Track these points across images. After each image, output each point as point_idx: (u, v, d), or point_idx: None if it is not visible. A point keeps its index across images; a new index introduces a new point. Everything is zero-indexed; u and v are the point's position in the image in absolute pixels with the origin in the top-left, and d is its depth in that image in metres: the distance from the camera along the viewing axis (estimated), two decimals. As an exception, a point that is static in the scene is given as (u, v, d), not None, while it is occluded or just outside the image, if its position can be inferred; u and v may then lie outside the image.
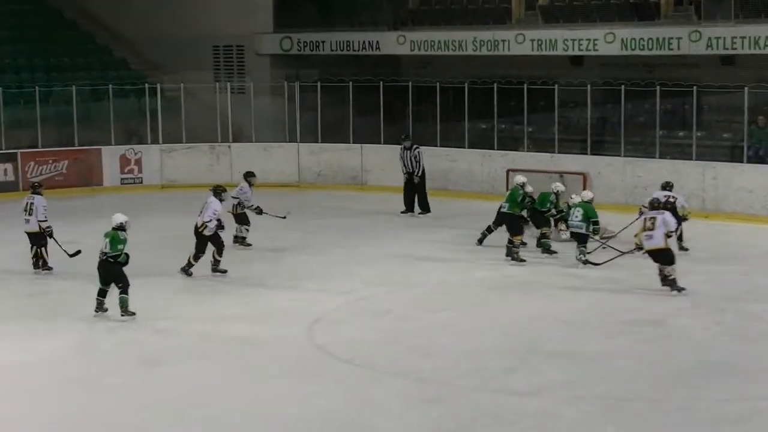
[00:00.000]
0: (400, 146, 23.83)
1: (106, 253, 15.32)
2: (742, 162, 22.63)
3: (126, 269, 15.38)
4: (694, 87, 23.29)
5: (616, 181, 23.40)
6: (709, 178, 22.47)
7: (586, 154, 24.32)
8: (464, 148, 26.18)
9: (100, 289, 15.37)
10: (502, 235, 19.20)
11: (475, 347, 13.87)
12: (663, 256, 16.41)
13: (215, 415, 11.69)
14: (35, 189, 18.68)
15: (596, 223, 18.28)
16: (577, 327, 14.81)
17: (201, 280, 17.68)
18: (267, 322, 15.11)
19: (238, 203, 19.98)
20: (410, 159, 23.43)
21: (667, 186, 19.35)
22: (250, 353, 13.84)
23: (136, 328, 14.89)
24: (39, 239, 18.26)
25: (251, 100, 27.92)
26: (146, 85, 28.11)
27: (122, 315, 15.11)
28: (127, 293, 15.19)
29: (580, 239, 18.31)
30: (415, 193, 23.32)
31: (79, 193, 26.22)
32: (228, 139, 27.80)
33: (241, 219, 20.08)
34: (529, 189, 19.26)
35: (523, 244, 18.92)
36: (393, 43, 29.06)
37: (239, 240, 20.02)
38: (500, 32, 27.32)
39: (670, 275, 16.33)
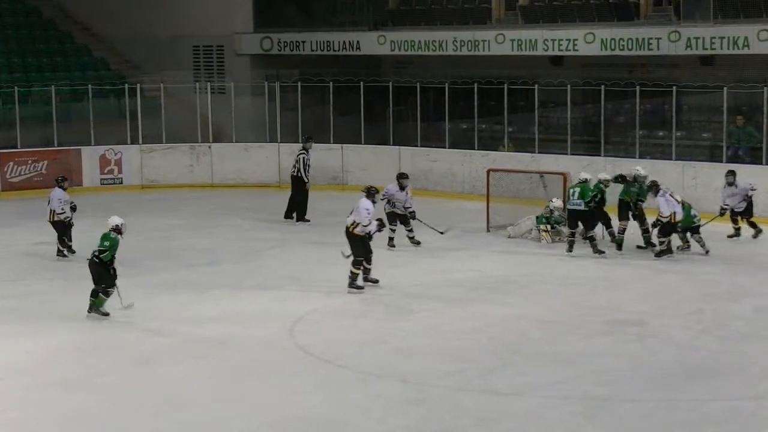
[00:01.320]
0: (301, 147, 23.29)
1: (93, 252, 15.38)
2: (721, 162, 22.69)
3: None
4: (674, 87, 23.39)
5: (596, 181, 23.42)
6: (688, 178, 22.54)
7: (567, 154, 24.37)
8: (445, 148, 26.22)
9: (92, 289, 15.35)
10: (475, 235, 19.21)
11: (457, 348, 13.88)
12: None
13: (198, 415, 11.68)
14: (58, 183, 19.91)
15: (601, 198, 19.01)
16: (557, 327, 14.83)
17: (181, 280, 17.63)
18: (248, 323, 15.09)
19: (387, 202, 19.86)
20: (309, 163, 22.99)
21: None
22: (231, 354, 13.81)
23: (119, 329, 14.86)
24: (57, 228, 19.31)
25: (231, 100, 27.87)
26: (126, 85, 28.01)
27: (89, 312, 15.21)
28: (107, 295, 15.19)
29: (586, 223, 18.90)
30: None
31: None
32: (208, 139, 27.74)
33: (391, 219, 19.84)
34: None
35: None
36: (373, 43, 29.08)
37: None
38: (480, 32, 27.38)
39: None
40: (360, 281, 16.67)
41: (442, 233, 20.28)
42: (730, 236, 20.17)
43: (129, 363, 13.47)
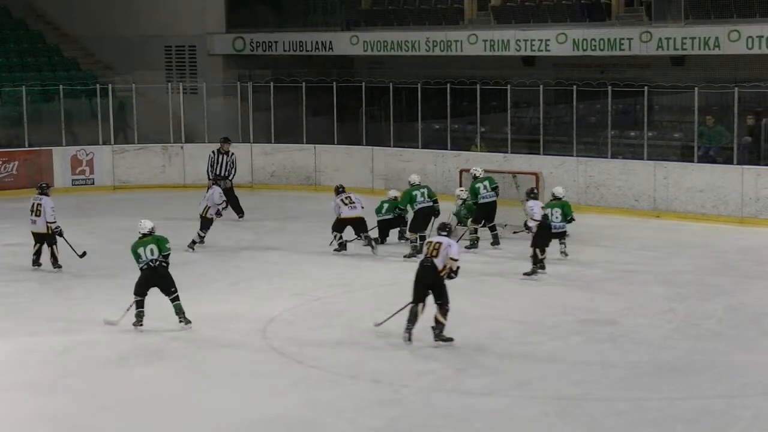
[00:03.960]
0: (215, 148, 23.56)
1: (156, 259, 14.80)
2: (692, 162, 22.80)
3: (81, 270, 15.27)
4: (645, 87, 23.46)
5: (568, 181, 23.47)
6: (660, 178, 22.63)
7: (539, 153, 24.42)
8: (417, 148, 26.23)
9: (139, 300, 14.77)
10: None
11: (429, 348, 13.86)
12: None
13: (168, 416, 11.64)
14: (43, 190, 18.88)
15: (573, 219, 18.64)
16: (530, 327, 14.86)
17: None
18: (220, 323, 15.04)
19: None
20: (227, 163, 23.29)
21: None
22: (203, 354, 13.78)
23: (90, 330, 14.78)
24: (49, 239, 18.39)
25: (204, 100, 27.82)
26: (97, 86, 27.89)
27: (180, 321, 14.69)
28: (179, 299, 14.75)
29: (561, 236, 18.50)
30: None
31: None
32: (180, 139, 27.66)
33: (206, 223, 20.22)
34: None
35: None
36: (346, 43, 29.08)
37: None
38: (453, 33, 27.42)
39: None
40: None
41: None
42: None
43: (99, 364, 13.41)
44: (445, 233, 14.32)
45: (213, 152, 23.60)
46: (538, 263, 17.53)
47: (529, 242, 17.72)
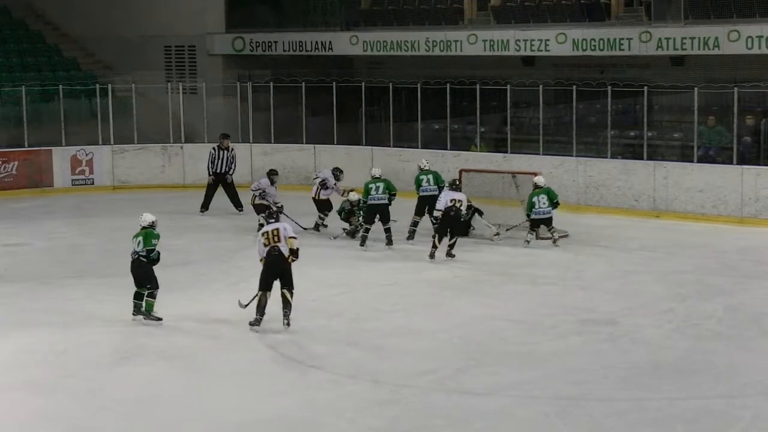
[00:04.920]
0: (215, 145, 24.23)
1: (138, 252, 15.06)
2: (692, 162, 22.79)
3: (80, 269, 15.26)
4: (645, 87, 23.44)
5: (568, 181, 23.51)
6: (659, 178, 22.62)
7: (539, 153, 24.40)
8: (417, 148, 26.21)
9: (136, 291, 15.07)
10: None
11: (429, 348, 13.88)
12: None
13: (167, 416, 11.65)
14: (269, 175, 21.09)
15: (558, 203, 19.66)
16: (529, 327, 14.87)
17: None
18: (220, 324, 15.04)
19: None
20: (227, 159, 23.97)
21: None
22: (203, 355, 13.78)
23: (90, 330, 14.78)
24: None
25: (203, 100, 27.80)
26: (97, 86, 27.87)
27: (145, 319, 14.89)
28: (154, 297, 14.97)
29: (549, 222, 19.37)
30: (229, 192, 23.95)
31: (29, 194, 25.98)
32: (180, 139, 27.65)
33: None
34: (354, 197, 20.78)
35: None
36: (346, 43, 29.07)
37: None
38: (452, 33, 27.41)
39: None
40: None
41: (305, 229, 20.48)
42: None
43: (99, 364, 13.41)
44: (273, 219, 15.12)
45: (213, 149, 24.10)
46: (434, 248, 18.60)
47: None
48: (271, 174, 21.48)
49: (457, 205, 18.81)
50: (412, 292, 16.85)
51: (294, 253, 14.67)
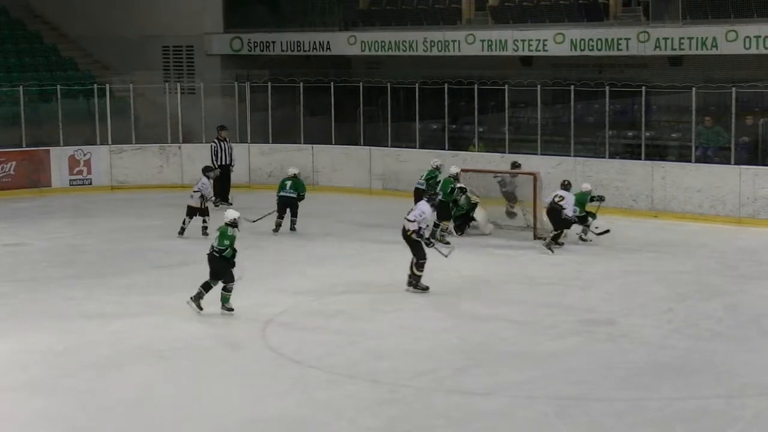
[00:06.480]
0: (215, 138, 25.01)
1: (213, 247, 15.42)
2: (690, 162, 22.81)
3: (79, 269, 15.25)
4: (643, 87, 23.47)
5: (565, 181, 23.51)
6: (657, 178, 22.64)
7: (537, 153, 24.41)
8: (415, 148, 26.21)
9: (206, 282, 15.47)
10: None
11: (428, 348, 13.88)
12: None
13: (167, 417, 11.63)
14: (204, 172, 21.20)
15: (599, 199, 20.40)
16: (529, 327, 14.87)
17: (152, 282, 17.56)
18: (218, 324, 15.05)
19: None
20: (228, 149, 24.77)
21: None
22: (201, 355, 13.76)
23: (89, 331, 14.77)
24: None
25: (201, 100, 27.78)
26: (95, 86, 27.85)
27: (222, 310, 15.33)
28: (229, 291, 15.32)
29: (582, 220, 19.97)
30: (225, 185, 24.45)
31: (27, 194, 25.97)
32: (178, 139, 27.64)
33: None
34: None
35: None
36: (344, 43, 29.07)
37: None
38: (450, 33, 27.41)
39: None
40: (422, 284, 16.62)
41: (252, 222, 20.50)
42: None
43: (98, 364, 13.38)
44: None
45: (215, 141, 24.84)
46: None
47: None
48: (207, 171, 21.55)
49: (556, 200, 19.34)
50: (412, 291, 16.82)
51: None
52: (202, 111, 27.56)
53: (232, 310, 15.34)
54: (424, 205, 16.95)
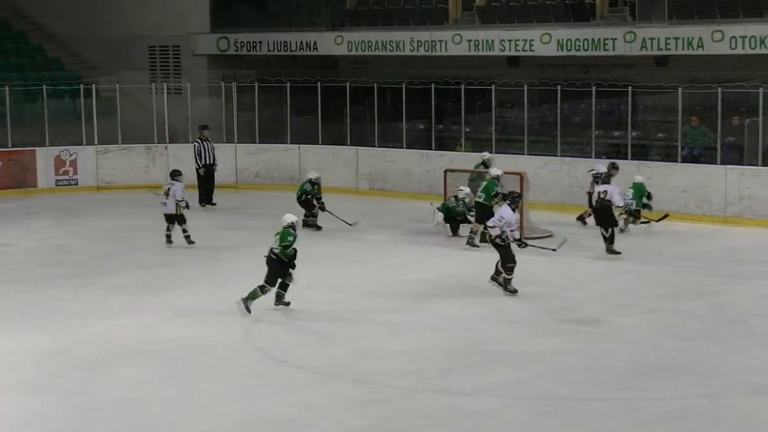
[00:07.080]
0: (198, 138, 25.14)
1: (272, 249, 15.55)
2: (676, 161, 22.87)
3: (66, 269, 15.22)
4: (629, 87, 23.52)
5: (552, 181, 23.57)
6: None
7: (523, 153, 24.46)
8: (402, 148, 26.23)
9: (262, 285, 15.56)
10: (432, 235, 19.25)
11: (415, 348, 13.88)
12: None
13: (154, 418, 11.61)
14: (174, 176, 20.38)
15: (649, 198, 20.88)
16: (516, 327, 14.89)
17: (138, 282, 17.55)
18: (205, 324, 15.02)
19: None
20: (210, 151, 24.81)
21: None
22: (188, 356, 13.74)
23: (77, 330, 14.76)
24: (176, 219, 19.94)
25: (188, 100, 27.76)
26: (81, 86, 27.79)
27: (275, 304, 15.55)
28: (264, 292, 15.43)
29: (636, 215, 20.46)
30: (210, 185, 24.65)
31: (13, 194, 25.90)
32: (164, 140, 27.62)
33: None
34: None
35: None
36: (330, 43, 29.07)
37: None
38: (437, 33, 27.44)
39: None
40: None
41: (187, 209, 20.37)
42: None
43: (87, 365, 13.36)
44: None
45: (197, 141, 24.86)
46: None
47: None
48: (176, 175, 20.71)
49: (602, 196, 19.24)
50: (399, 291, 16.85)
51: None
52: (188, 111, 27.55)
53: (288, 303, 15.59)
54: (504, 209, 16.76)
